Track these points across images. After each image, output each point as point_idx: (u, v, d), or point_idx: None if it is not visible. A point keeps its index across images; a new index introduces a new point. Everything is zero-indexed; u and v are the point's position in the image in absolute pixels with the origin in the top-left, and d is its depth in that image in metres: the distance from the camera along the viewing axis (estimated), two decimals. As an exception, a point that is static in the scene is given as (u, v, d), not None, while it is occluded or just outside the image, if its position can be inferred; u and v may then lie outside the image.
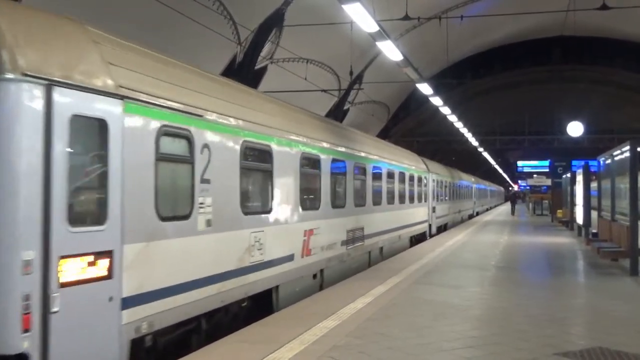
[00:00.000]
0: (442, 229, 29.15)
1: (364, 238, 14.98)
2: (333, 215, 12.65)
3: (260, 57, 25.93)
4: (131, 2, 17.75)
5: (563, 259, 16.89)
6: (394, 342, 7.16)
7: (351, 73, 26.52)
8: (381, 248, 17.03)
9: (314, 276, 11.66)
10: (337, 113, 36.73)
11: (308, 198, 11.53)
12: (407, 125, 55.08)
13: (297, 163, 10.79)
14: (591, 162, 26.11)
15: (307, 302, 9.83)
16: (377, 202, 16.41)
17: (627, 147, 13.90)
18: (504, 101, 56.67)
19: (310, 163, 11.60)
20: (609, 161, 17.68)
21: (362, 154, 15.34)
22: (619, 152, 15.76)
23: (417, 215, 22.75)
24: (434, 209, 26.19)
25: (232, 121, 8.51)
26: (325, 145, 12.40)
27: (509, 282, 12.30)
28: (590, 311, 9.74)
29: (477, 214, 50.03)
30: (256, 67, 26.17)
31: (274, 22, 25.24)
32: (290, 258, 10.30)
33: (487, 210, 62.45)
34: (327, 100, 34.16)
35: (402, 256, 16.85)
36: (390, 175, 18.27)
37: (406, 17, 18.25)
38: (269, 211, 9.62)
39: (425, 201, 24.61)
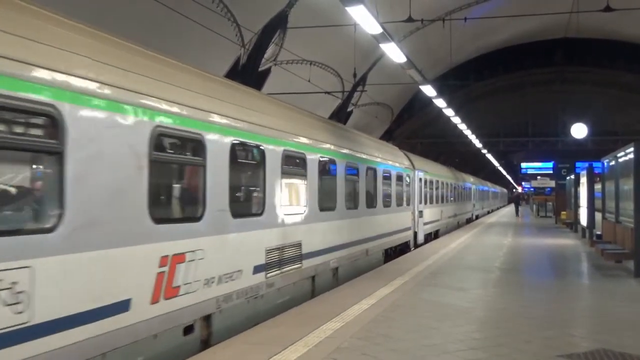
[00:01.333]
0: (432, 236, 25.59)
1: (302, 258, 10.75)
2: (233, 229, 8.33)
3: (263, 59, 25.99)
4: (137, 5, 17.83)
5: (567, 261, 16.87)
6: (398, 344, 7.17)
7: (355, 75, 26.56)
8: (335, 269, 12.91)
9: (188, 330, 7.31)
10: (340, 115, 36.77)
11: (172, 204, 7.71)
12: (411, 127, 55.15)
13: (145, 143, 6.41)
14: (595, 164, 26.07)
15: (310, 303, 9.83)
16: (327, 206, 12.28)
17: (631, 149, 13.87)
18: (507, 103, 56.70)
19: (178, 146, 7.56)
20: (612, 163, 17.66)
21: (302, 140, 11.00)
22: (622, 153, 15.74)
23: (396, 221, 18.66)
24: (420, 214, 22.37)
25: None
26: (213, 117, 7.89)
27: (513, 284, 12.29)
28: (594, 313, 9.72)
29: (477, 217, 46.99)
30: (260, 69, 26.22)
31: (277, 24, 25.30)
32: (120, 307, 6.05)
33: (489, 213, 60.44)
34: (330, 102, 34.23)
35: (406, 258, 16.84)
36: (352, 171, 14.11)
37: (409, 19, 18.30)
38: (50, 229, 5.26)
39: (409, 204, 20.50)
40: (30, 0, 5.50)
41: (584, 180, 24.51)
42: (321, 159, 11.99)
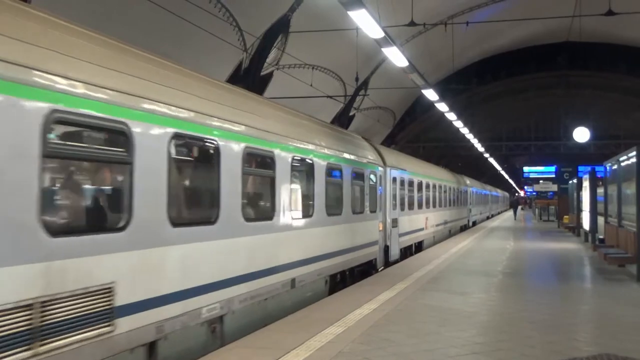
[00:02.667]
0: (413, 249, 21.24)
1: (114, 314, 5.84)
2: None
3: (266, 63, 26.04)
4: (140, 10, 17.88)
5: (569, 265, 16.85)
6: (400, 348, 7.16)
7: (357, 79, 26.60)
8: (218, 319, 7.93)
9: None
10: (342, 119, 36.80)
11: None
12: (413, 131, 55.19)
13: None
14: (597, 168, 26.05)
15: (312, 308, 9.83)
16: (197, 218, 7.84)
17: (634, 153, 13.86)
18: (509, 107, 56.70)
19: None
20: (615, 167, 17.64)
21: (120, 100, 6.07)
22: (625, 157, 15.73)
23: (352, 235, 13.89)
24: (394, 222, 17.90)
25: None
26: None
27: (515, 288, 12.27)
28: (596, 317, 9.70)
29: (474, 223, 42.80)
30: (262, 73, 26.27)
31: (279, 29, 25.36)
32: None
33: (488, 218, 57.73)
34: (332, 106, 34.24)
35: (407, 262, 16.82)
36: (262, 162, 9.60)
37: (412, 23, 18.31)
38: None
39: (375, 211, 15.90)
40: None
41: (586, 184, 24.47)
42: (192, 139, 7.50)
